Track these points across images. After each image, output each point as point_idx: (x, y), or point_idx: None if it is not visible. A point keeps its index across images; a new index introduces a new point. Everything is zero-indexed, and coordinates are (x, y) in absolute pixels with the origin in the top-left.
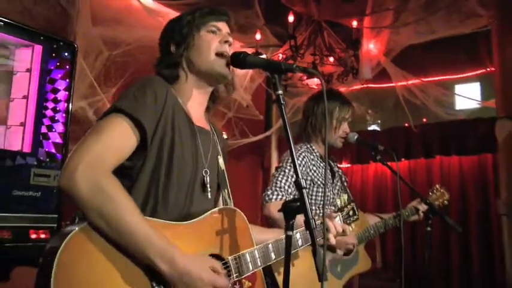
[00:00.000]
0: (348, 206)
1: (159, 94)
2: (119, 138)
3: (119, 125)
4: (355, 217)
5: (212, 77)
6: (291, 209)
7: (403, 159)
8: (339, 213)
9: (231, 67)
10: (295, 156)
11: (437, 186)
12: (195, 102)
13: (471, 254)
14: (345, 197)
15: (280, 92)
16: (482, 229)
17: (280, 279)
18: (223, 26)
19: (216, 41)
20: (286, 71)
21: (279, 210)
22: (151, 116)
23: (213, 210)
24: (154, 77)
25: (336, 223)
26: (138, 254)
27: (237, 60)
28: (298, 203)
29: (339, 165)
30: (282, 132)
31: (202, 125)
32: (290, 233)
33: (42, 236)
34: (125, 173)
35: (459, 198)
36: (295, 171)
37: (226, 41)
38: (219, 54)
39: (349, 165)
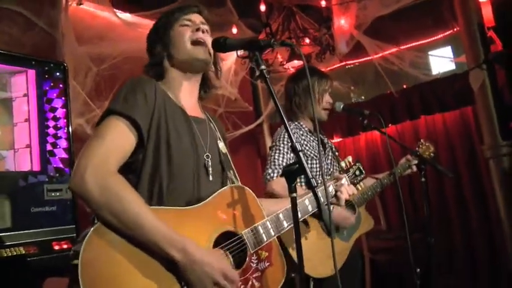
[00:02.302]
0: (354, 166)
1: (148, 91)
2: (118, 139)
3: (116, 126)
4: (362, 176)
5: (193, 64)
6: (291, 171)
7: (390, 124)
8: (345, 175)
9: (211, 52)
10: (286, 135)
11: (421, 140)
12: (185, 93)
13: (465, 197)
14: (349, 158)
15: (263, 67)
16: (472, 175)
17: (294, 253)
18: (196, 17)
19: (188, 31)
20: (265, 46)
21: (280, 176)
22: (144, 112)
23: (219, 190)
24: (141, 77)
25: (346, 187)
26: (151, 246)
27: (218, 44)
28: (297, 166)
29: (331, 140)
30: (272, 119)
31: (197, 114)
32: (294, 194)
33: (65, 246)
34: (130, 169)
35: (447, 151)
36: (289, 136)
37: (198, 29)
38: (194, 42)
39: (340, 139)
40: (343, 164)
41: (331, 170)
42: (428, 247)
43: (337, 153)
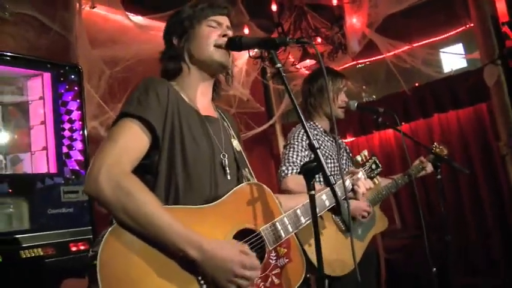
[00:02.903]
0: (370, 160)
1: (160, 93)
2: (132, 141)
3: (130, 129)
4: (378, 170)
5: (212, 67)
6: (309, 169)
7: (403, 123)
8: (361, 169)
9: (230, 57)
10: (300, 134)
11: (435, 144)
12: (199, 93)
13: (481, 194)
14: (365, 152)
15: (279, 65)
16: (487, 172)
17: (310, 249)
18: (224, 20)
19: (215, 34)
20: (280, 44)
21: (298, 173)
22: (158, 114)
23: (235, 188)
24: (153, 78)
25: (363, 181)
26: (167, 245)
27: (234, 43)
28: (315, 163)
29: (343, 140)
30: (285, 120)
31: (210, 113)
32: (312, 192)
33: (82, 247)
34: (147, 169)
35: (462, 148)
36: (306, 133)
37: (225, 35)
38: (218, 46)
39: (353, 138)
40: (358, 158)
41: (346, 170)
42: (446, 245)
43: (351, 154)
